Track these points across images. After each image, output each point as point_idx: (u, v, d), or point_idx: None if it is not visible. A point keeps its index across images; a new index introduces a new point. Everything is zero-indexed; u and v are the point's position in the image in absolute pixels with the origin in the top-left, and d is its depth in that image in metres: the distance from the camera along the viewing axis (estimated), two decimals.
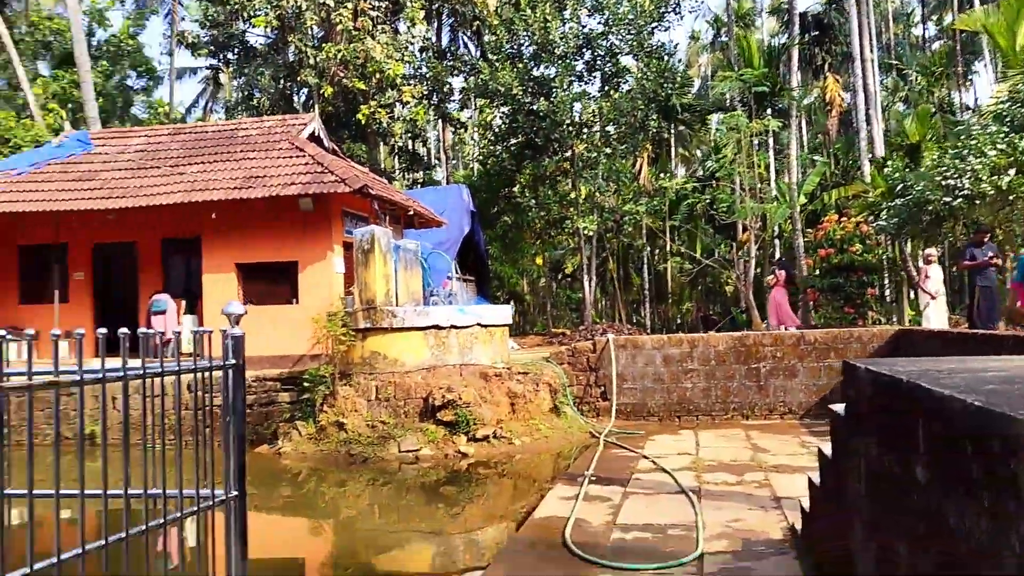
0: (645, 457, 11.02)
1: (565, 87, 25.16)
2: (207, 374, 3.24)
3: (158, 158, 18.79)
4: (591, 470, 10.06)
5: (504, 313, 15.77)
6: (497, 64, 25.45)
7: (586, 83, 26.73)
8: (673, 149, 35.22)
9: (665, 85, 25.91)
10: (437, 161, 41.75)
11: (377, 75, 26.60)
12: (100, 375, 2.62)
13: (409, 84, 28.99)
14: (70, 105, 31.64)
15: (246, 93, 32.46)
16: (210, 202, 16.26)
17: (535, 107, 24.98)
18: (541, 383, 14.40)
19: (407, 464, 12.52)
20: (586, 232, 26.03)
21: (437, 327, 14.26)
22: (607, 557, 6.29)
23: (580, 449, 12.82)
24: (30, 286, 18.77)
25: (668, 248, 29.59)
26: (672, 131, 31.80)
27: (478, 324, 14.68)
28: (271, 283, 16.94)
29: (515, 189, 28.14)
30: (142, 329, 2.90)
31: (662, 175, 30.72)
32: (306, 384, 14.31)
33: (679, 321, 33.88)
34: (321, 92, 27.03)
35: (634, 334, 20.14)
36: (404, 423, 13.35)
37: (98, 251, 18.90)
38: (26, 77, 30.31)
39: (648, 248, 31.24)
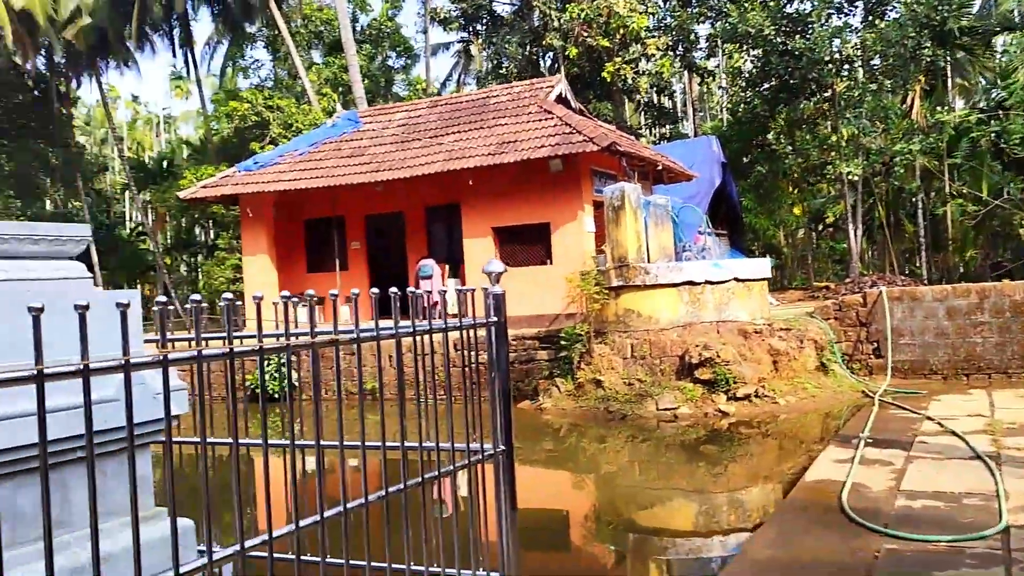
0: (929, 419, 10.05)
1: (823, 21, 23.31)
2: (471, 331, 3.30)
3: (418, 130, 19.88)
4: (867, 431, 9.34)
5: (762, 267, 15.06)
6: (746, 5, 24.08)
7: (846, 14, 24.62)
8: (950, 79, 31.55)
9: (940, 7, 23.15)
10: (684, 114, 40.62)
11: (621, 31, 26.25)
12: (375, 333, 2.72)
13: (653, 36, 28.34)
14: (340, 88, 34.33)
15: (495, 62, 33.43)
16: (466, 169, 16.94)
17: (789, 46, 23.37)
18: (806, 339, 13.63)
19: (665, 422, 12.40)
20: (850, 177, 24.10)
21: (691, 283, 13.91)
22: (891, 525, 5.78)
23: (852, 409, 12.00)
24: (315, 257, 20.75)
25: (947, 190, 26.67)
26: (949, 59, 28.43)
27: (734, 279, 14.12)
28: (525, 245, 17.41)
29: (769, 136, 26.66)
30: (411, 289, 2.99)
31: (938, 109, 27.63)
32: (563, 342, 14.59)
33: (961, 270, 30.60)
34: (566, 54, 27.16)
35: (908, 285, 18.43)
36: (661, 381, 13.21)
37: (370, 222, 20.45)
38: (303, 66, 33.26)
39: (923, 191, 28.39)
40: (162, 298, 2.03)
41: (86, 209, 34.63)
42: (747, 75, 27.60)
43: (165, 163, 41.79)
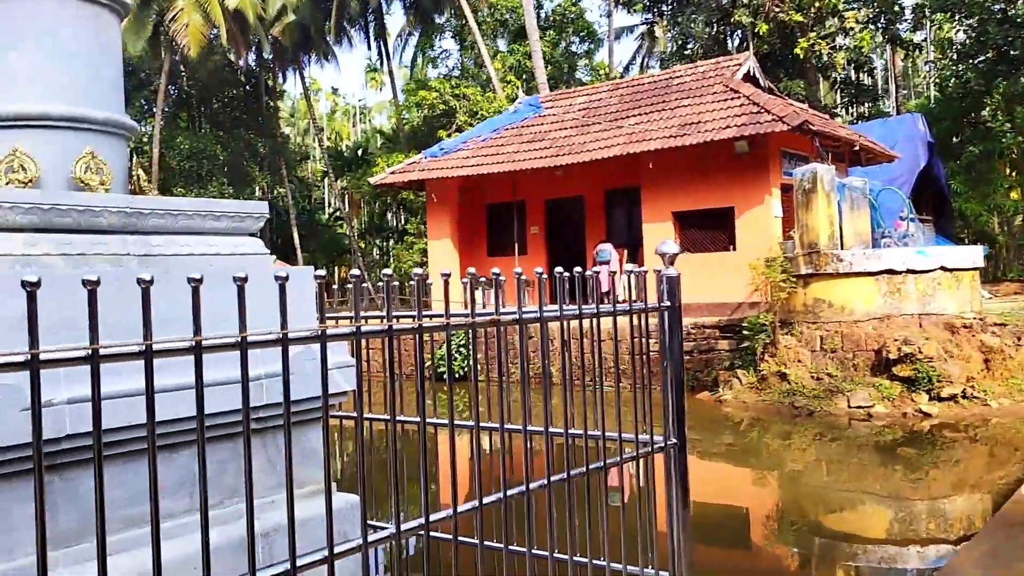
0: None
1: None
2: (643, 316, 3.12)
3: (599, 114, 19.68)
4: None
5: (973, 255, 13.74)
6: None
7: None
8: None
9: None
10: (885, 91, 37.94)
11: (816, 4, 24.81)
12: (538, 315, 2.61)
13: (852, 8, 26.60)
14: (524, 75, 34.64)
15: (680, 43, 32.58)
16: (647, 152, 16.59)
17: (1009, 13, 21.22)
18: None
19: (857, 421, 11.61)
20: None
21: (890, 272, 12.92)
22: None
23: None
24: (495, 241, 21.10)
25: None
26: None
27: (941, 268, 12.98)
28: (707, 230, 16.86)
29: (984, 113, 24.38)
30: (577, 269, 2.85)
31: None
32: (745, 332, 14.01)
33: None
34: (755, 31, 26.02)
35: None
36: (853, 376, 12.39)
37: (550, 206, 20.52)
38: (488, 54, 33.83)
39: None
40: (321, 272, 2.01)
41: (289, 195, 37.03)
42: (959, 47, 25.42)
43: (360, 151, 43.96)
